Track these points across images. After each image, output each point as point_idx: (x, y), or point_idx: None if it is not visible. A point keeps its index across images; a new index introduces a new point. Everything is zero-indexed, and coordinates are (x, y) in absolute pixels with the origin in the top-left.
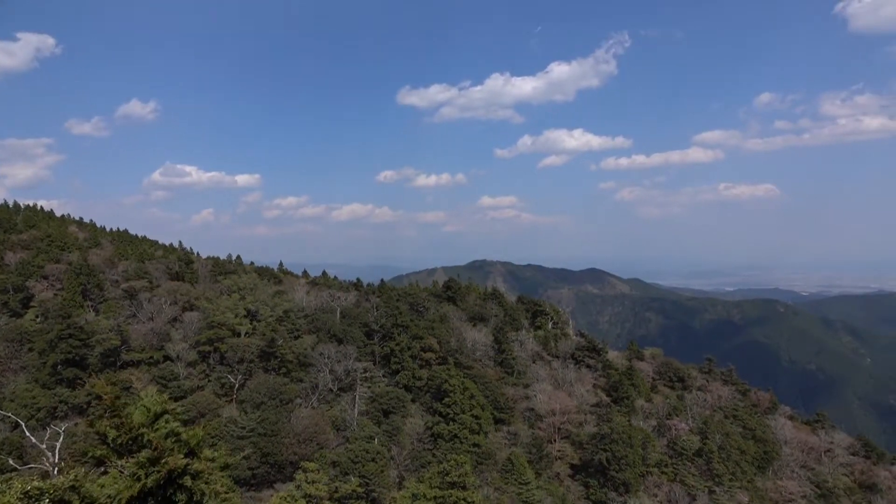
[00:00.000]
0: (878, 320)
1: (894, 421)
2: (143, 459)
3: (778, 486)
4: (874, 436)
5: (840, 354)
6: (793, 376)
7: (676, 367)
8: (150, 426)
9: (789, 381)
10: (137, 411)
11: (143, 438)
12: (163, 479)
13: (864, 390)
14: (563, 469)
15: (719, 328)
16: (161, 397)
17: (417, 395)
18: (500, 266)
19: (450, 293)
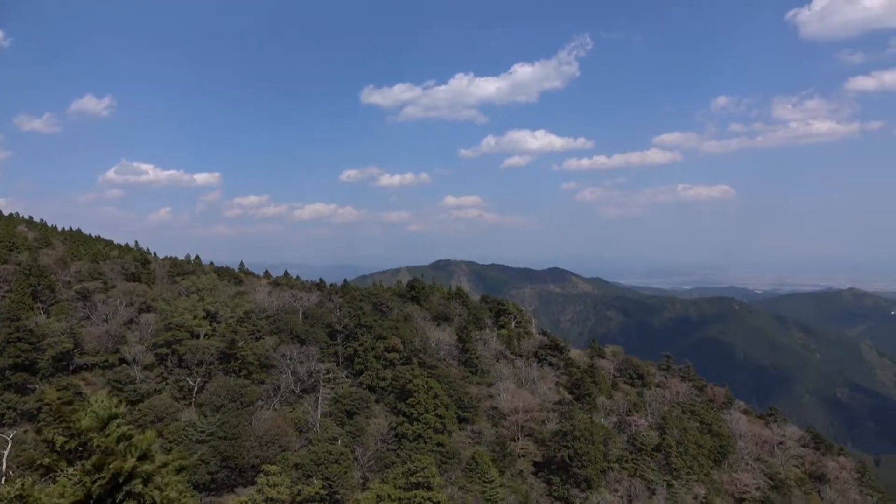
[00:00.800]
0: (826, 317)
1: (842, 413)
2: (89, 466)
3: (733, 479)
4: (823, 428)
5: (792, 350)
6: (747, 372)
7: (636, 365)
8: (99, 431)
9: (744, 376)
10: (87, 416)
11: (92, 444)
12: (109, 484)
13: (813, 384)
14: (526, 466)
15: (677, 326)
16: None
17: (381, 395)
18: (464, 266)
19: (414, 293)
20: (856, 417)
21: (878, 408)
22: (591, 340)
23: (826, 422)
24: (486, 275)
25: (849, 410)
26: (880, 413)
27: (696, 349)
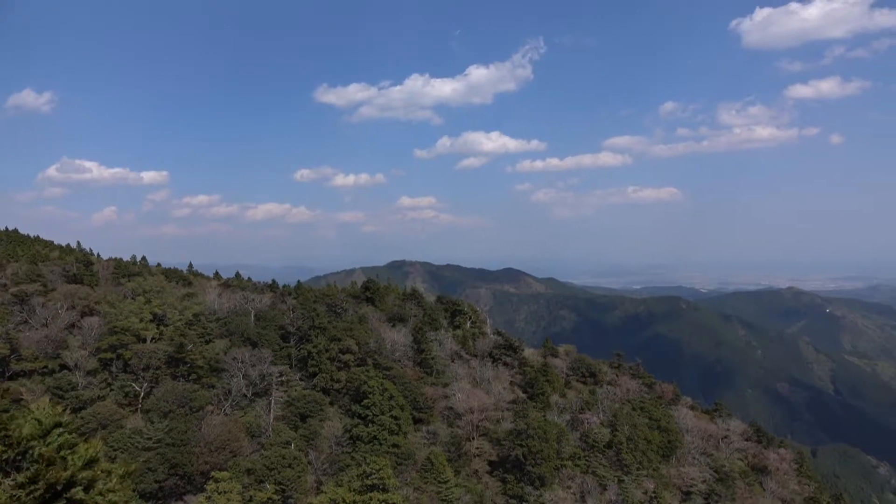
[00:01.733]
0: (767, 314)
1: (782, 407)
2: (22, 479)
3: (681, 473)
4: (764, 421)
5: (735, 347)
6: (694, 368)
7: (588, 363)
8: (41, 440)
9: (691, 372)
10: (27, 424)
11: (32, 453)
12: (47, 494)
13: (756, 379)
14: (481, 466)
15: (628, 324)
16: (55, 409)
17: (336, 397)
18: (420, 266)
19: (368, 294)
20: (795, 411)
21: (814, 401)
22: (544, 340)
23: (767, 415)
24: (441, 275)
25: (788, 404)
26: (817, 406)
27: (646, 347)
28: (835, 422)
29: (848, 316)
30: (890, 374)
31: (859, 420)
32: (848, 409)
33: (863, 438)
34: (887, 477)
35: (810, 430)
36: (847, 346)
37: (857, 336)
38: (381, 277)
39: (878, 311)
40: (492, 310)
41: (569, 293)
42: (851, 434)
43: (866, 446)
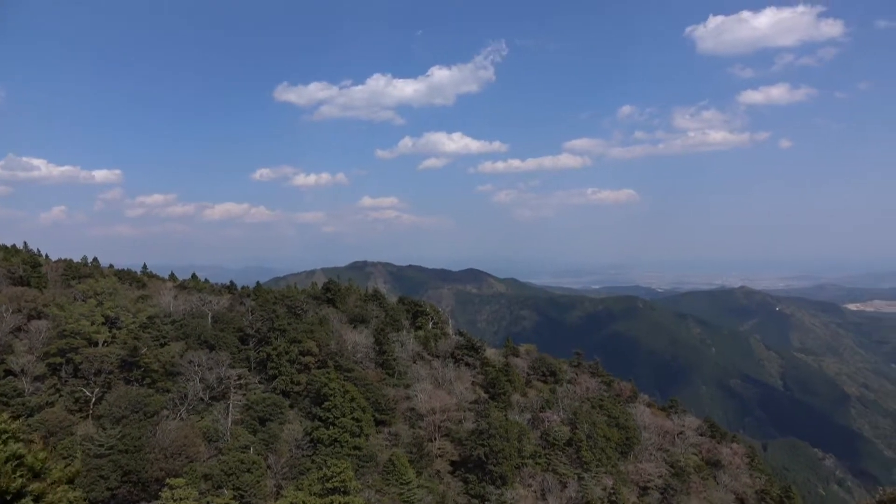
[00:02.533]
0: (720, 313)
1: (734, 403)
2: None
3: (638, 469)
4: (718, 417)
5: (690, 345)
6: (651, 366)
7: (549, 362)
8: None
9: (648, 370)
10: None
11: None
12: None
13: (710, 376)
14: (443, 466)
15: (587, 323)
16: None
17: (296, 400)
18: (381, 267)
19: (329, 295)
20: (746, 406)
21: (765, 397)
22: (505, 339)
23: (721, 411)
24: (403, 276)
25: (741, 400)
26: (767, 402)
27: (605, 345)
28: (784, 417)
29: (796, 314)
30: (835, 370)
31: (807, 415)
32: (796, 404)
33: (810, 432)
34: (832, 469)
35: (761, 424)
36: (795, 344)
37: (804, 333)
38: (343, 278)
39: (824, 310)
40: (454, 310)
41: (530, 293)
42: (800, 428)
43: (813, 440)
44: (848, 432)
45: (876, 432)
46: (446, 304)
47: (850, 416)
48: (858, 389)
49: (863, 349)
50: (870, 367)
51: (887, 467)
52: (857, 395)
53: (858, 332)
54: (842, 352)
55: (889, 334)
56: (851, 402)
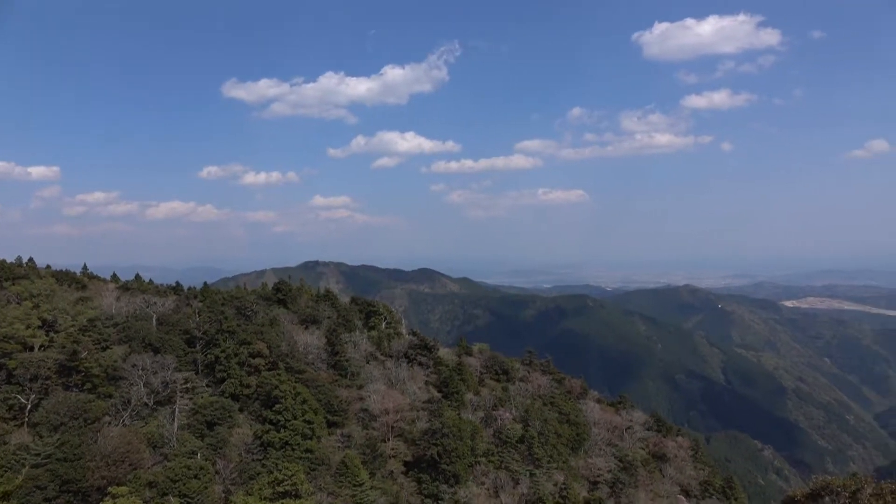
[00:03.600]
0: (666, 310)
1: (680, 397)
2: None
3: (589, 464)
4: (664, 411)
5: (638, 342)
6: (601, 362)
7: (501, 361)
8: None
9: (598, 366)
10: None
11: None
12: None
13: (656, 371)
14: (396, 467)
15: (539, 322)
16: None
17: (245, 403)
18: (334, 267)
19: (280, 296)
20: (691, 400)
21: (708, 391)
22: (459, 339)
23: (667, 405)
24: (356, 276)
25: (685, 394)
26: (710, 396)
27: (556, 343)
28: (726, 410)
29: (737, 311)
30: (773, 364)
31: (747, 407)
32: (737, 397)
33: (750, 424)
34: (771, 459)
35: (705, 418)
36: (736, 339)
37: (744, 330)
38: (294, 278)
39: (762, 307)
40: (407, 310)
41: (482, 293)
42: (740, 421)
43: (753, 432)
44: (785, 423)
45: (810, 423)
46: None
47: (787, 409)
48: (794, 382)
49: (798, 344)
50: (804, 361)
51: (820, 456)
52: (793, 387)
53: (794, 328)
54: (779, 347)
55: (822, 329)
56: (788, 394)
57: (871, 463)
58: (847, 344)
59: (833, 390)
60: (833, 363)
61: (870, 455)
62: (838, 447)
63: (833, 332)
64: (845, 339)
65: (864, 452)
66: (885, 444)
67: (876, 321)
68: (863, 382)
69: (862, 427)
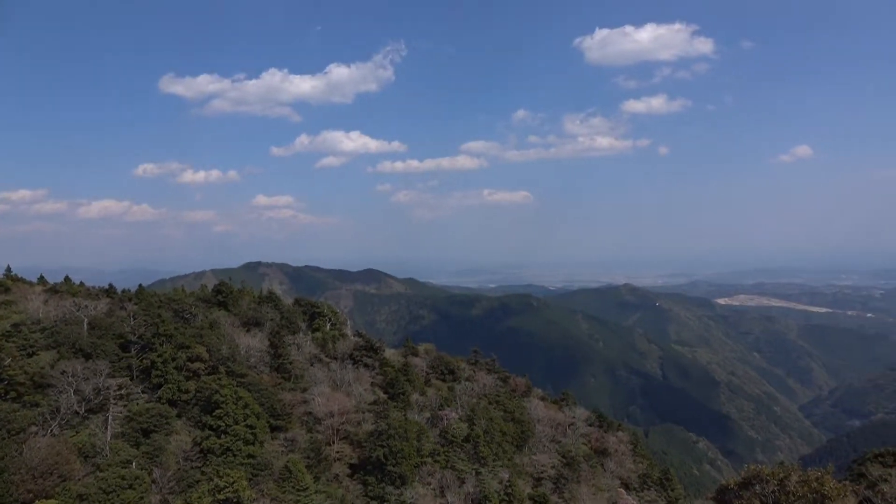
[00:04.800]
0: (606, 308)
1: (620, 393)
2: None
3: (533, 461)
4: (605, 407)
5: (580, 340)
6: (545, 360)
7: (447, 361)
8: None
9: (542, 364)
10: None
11: None
12: None
13: (598, 368)
14: (342, 470)
15: (484, 321)
16: None
17: (184, 409)
18: (277, 268)
19: (221, 297)
20: (631, 396)
21: (647, 386)
22: (404, 339)
23: (607, 401)
24: (300, 277)
25: (625, 390)
26: (649, 391)
27: (501, 342)
28: (663, 404)
29: (673, 309)
30: (707, 359)
31: (683, 401)
32: (674, 392)
33: (686, 417)
34: (705, 450)
35: (644, 412)
36: (673, 336)
37: (680, 327)
38: (235, 280)
39: (698, 304)
40: (352, 311)
41: (428, 293)
42: (677, 414)
43: (689, 424)
44: (718, 416)
45: (741, 415)
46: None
47: (720, 402)
48: (727, 376)
49: (730, 339)
50: (736, 356)
51: (751, 446)
52: (726, 381)
53: (726, 324)
54: (712, 342)
55: (752, 325)
56: (721, 388)
57: (797, 452)
58: (774, 339)
59: (762, 383)
60: (762, 357)
61: (795, 444)
62: (767, 437)
63: (762, 328)
64: (773, 334)
65: (790, 442)
66: (809, 434)
67: (800, 317)
68: (789, 375)
69: (788, 418)
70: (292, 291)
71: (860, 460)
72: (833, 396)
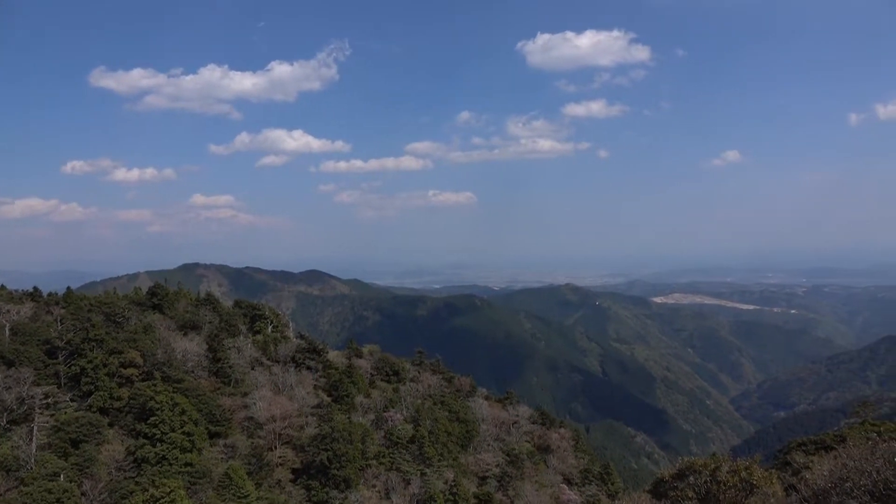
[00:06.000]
0: (549, 308)
1: (562, 391)
2: None
3: (478, 460)
4: (547, 404)
5: (523, 339)
6: (489, 360)
7: (392, 362)
8: None
9: (487, 364)
10: None
11: None
12: None
13: (540, 367)
14: (284, 475)
15: (429, 322)
16: None
17: (117, 417)
18: (216, 269)
19: (156, 300)
20: (572, 393)
21: (587, 384)
22: (348, 341)
23: (550, 399)
24: (240, 278)
25: (567, 387)
26: (589, 388)
27: (446, 342)
28: (603, 400)
29: (612, 307)
30: (644, 355)
31: (622, 397)
32: (613, 388)
33: (625, 413)
34: (642, 444)
35: (585, 408)
36: (612, 334)
37: (619, 325)
38: (172, 282)
39: (635, 303)
40: (295, 313)
41: (373, 294)
42: (616, 410)
43: (627, 419)
44: (654, 411)
45: (676, 409)
46: (287, 307)
47: (657, 397)
48: (662, 372)
49: (665, 336)
50: (671, 352)
51: (685, 439)
52: (662, 377)
53: (662, 322)
54: (649, 340)
55: (686, 322)
56: (657, 383)
57: (728, 443)
58: (707, 335)
59: (695, 378)
60: (695, 353)
61: (726, 435)
62: (700, 430)
63: (695, 325)
64: (705, 330)
65: (721, 434)
66: (739, 425)
67: (731, 314)
68: (720, 370)
69: (720, 410)
70: (232, 293)
71: (785, 449)
72: (761, 389)
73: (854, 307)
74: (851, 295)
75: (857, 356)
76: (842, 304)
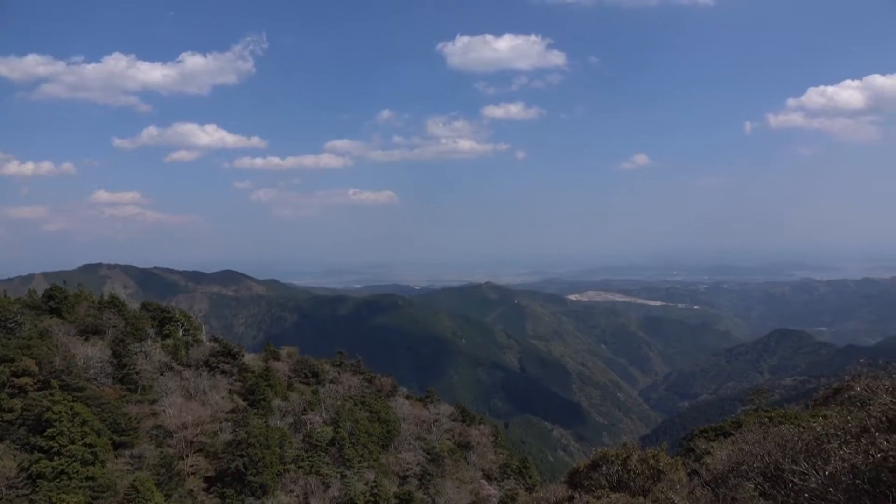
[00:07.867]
0: (469, 307)
1: (482, 388)
2: None
3: (399, 459)
4: (468, 402)
5: (444, 337)
6: (410, 359)
7: (311, 364)
8: None
9: (408, 363)
10: None
11: None
12: None
13: (461, 365)
14: (197, 484)
15: (349, 322)
16: None
17: (8, 430)
18: (121, 269)
19: (53, 303)
20: (492, 390)
21: (506, 380)
22: (265, 343)
23: (470, 396)
24: (148, 279)
25: (487, 384)
26: (508, 385)
27: (367, 342)
28: (522, 396)
29: (530, 305)
30: (560, 352)
31: (540, 392)
32: (531, 383)
33: (542, 408)
34: (559, 438)
35: (504, 404)
36: (530, 331)
37: (536, 322)
38: (71, 283)
39: (552, 301)
40: (208, 315)
41: (291, 294)
42: (534, 405)
43: (544, 414)
44: (570, 405)
45: (590, 403)
46: (199, 309)
47: (572, 391)
48: (577, 367)
49: (580, 333)
50: (585, 348)
51: (599, 431)
52: (577, 372)
53: (576, 319)
54: (565, 336)
55: (599, 319)
56: (573, 378)
57: (637, 433)
58: (618, 331)
59: (608, 372)
60: (608, 348)
61: (636, 426)
62: (612, 421)
63: (608, 321)
64: (617, 326)
65: (631, 424)
66: (648, 416)
67: (640, 310)
68: (630, 364)
69: (630, 402)
70: (139, 295)
71: (688, 437)
72: (667, 381)
73: (749, 302)
74: (747, 291)
75: (752, 348)
76: (739, 300)
